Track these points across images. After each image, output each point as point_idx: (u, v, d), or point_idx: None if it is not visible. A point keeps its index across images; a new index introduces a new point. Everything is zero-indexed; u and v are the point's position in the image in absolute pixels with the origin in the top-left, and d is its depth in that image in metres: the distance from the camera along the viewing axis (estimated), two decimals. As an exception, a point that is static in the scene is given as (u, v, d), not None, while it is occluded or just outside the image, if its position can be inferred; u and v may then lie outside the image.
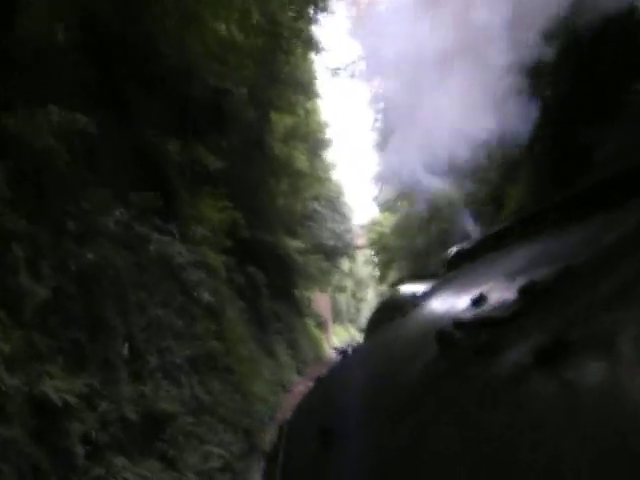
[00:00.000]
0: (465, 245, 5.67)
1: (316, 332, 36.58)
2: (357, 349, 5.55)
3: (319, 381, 4.38)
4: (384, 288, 42.05)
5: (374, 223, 38.37)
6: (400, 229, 28.92)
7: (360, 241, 40.73)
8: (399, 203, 30.17)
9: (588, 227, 2.53)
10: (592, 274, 1.94)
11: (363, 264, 60.83)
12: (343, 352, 6.13)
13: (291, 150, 24.74)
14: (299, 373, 22.22)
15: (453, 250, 5.85)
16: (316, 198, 28.65)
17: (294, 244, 21.55)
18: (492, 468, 1.44)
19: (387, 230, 32.66)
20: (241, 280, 16.05)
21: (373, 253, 44.11)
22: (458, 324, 2.37)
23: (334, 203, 29.41)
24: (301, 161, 25.40)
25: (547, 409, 1.40)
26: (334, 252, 29.29)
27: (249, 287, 16.24)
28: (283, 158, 23.45)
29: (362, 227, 40.72)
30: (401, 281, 12.01)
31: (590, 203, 2.69)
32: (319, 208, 27.51)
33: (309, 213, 27.01)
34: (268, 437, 11.23)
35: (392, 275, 37.54)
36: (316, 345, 32.03)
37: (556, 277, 2.06)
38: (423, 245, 26.78)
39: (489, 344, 1.94)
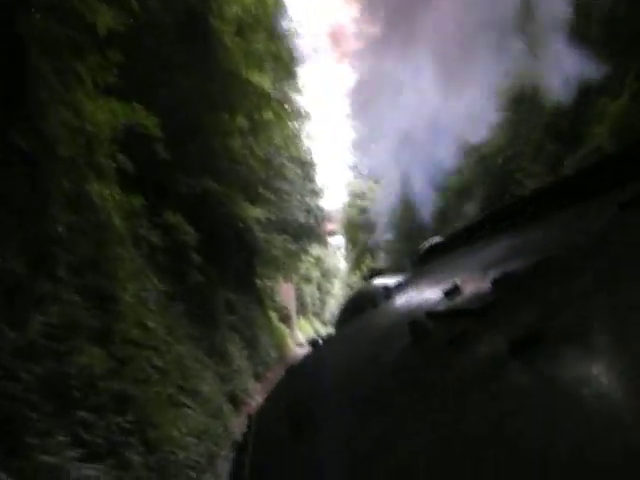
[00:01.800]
0: (439, 238, 5.35)
1: (280, 327, 33.08)
2: (328, 339, 4.92)
3: (290, 370, 4.31)
4: (353, 280, 42.32)
5: (353, 198, 33.61)
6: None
7: (330, 226, 35.72)
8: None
9: (563, 220, 2.47)
10: (567, 267, 1.89)
11: (331, 253, 59.48)
12: (314, 342, 4.79)
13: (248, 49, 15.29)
14: (257, 377, 19.15)
15: (427, 243, 5.48)
16: (282, 151, 21.14)
17: (254, 213, 16.25)
18: (466, 459, 1.41)
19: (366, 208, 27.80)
20: (160, 241, 11.44)
21: (345, 239, 40.40)
22: (431, 315, 2.35)
23: (305, 168, 23.87)
24: (264, 81, 16.15)
25: (521, 400, 1.38)
26: (303, 232, 23.98)
27: (175, 254, 11.03)
28: (237, 65, 14.58)
29: (331, 211, 35.56)
30: (373, 273, 10.67)
31: (566, 195, 2.58)
32: (288, 165, 21.53)
33: (274, 171, 20.32)
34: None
35: (365, 266, 35.00)
36: (280, 342, 28.88)
37: (530, 269, 2.04)
38: (400, 236, 25.87)
39: (463, 335, 1.89)
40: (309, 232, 26.55)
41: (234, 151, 15.17)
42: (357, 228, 34.79)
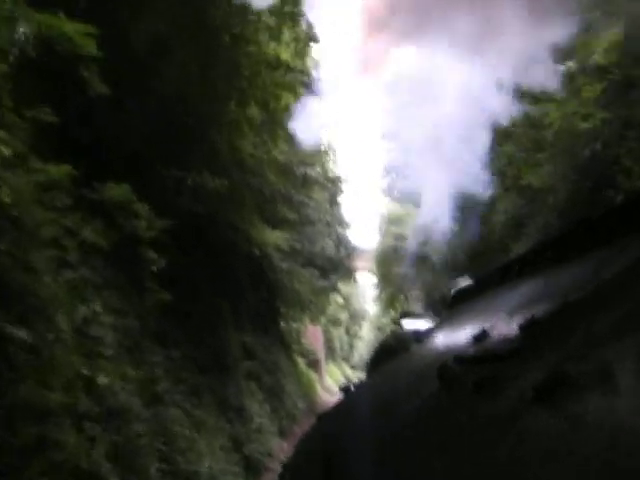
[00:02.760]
0: (468, 282, 5.59)
1: (307, 373, 30.68)
2: (359, 385, 5.16)
3: (321, 418, 4.38)
4: (384, 322, 42.12)
5: (387, 225, 30.79)
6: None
7: (358, 263, 33.05)
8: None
9: (587, 262, 2.46)
10: (591, 308, 1.92)
11: (359, 293, 58.02)
12: (346, 388, 5.02)
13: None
14: (283, 434, 16.41)
15: (456, 287, 5.56)
16: (307, 158, 16.95)
17: (273, 237, 13.39)
18: None
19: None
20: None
21: (376, 276, 37.76)
22: (459, 359, 2.38)
23: (333, 188, 20.85)
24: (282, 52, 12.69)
25: (548, 443, 1.38)
26: (332, 266, 20.96)
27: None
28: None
29: (360, 245, 32.81)
30: (404, 316, 10.92)
31: (590, 238, 2.57)
32: (313, 177, 16.61)
33: (297, 184, 15.65)
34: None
35: (397, 307, 35.04)
36: (308, 390, 26.49)
37: (555, 312, 2.08)
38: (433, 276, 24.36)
39: (490, 379, 1.92)
40: (338, 267, 23.46)
41: (243, 151, 11.74)
42: (391, 262, 31.85)
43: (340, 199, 23.73)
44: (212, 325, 12.68)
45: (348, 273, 26.56)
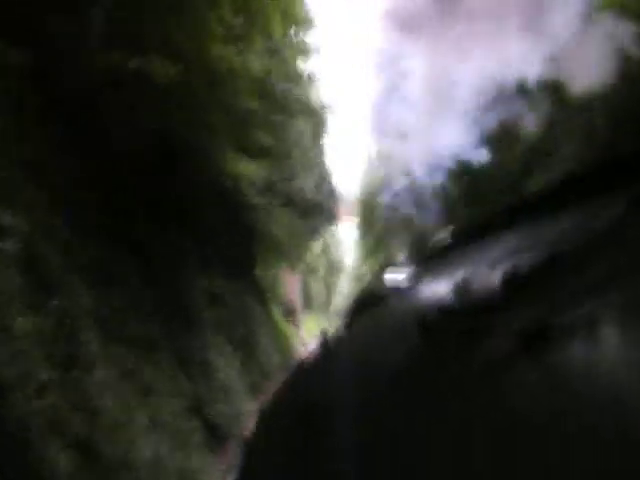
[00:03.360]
0: (450, 232, 5.22)
1: (283, 324, 29.13)
2: (338, 336, 4.91)
3: (299, 367, 4.45)
4: (362, 273, 40.40)
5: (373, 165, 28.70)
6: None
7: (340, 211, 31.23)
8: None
9: (574, 215, 2.44)
10: (577, 261, 1.90)
11: (337, 243, 57.09)
12: (324, 339, 4.68)
13: None
14: (254, 392, 14.42)
15: (438, 237, 5.70)
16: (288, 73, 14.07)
17: (248, 169, 11.16)
18: (477, 455, 1.45)
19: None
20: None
21: (358, 226, 36.04)
22: (441, 310, 2.35)
23: (316, 120, 18.45)
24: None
25: (532, 394, 1.39)
26: (313, 209, 18.74)
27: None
28: None
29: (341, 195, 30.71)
30: (384, 267, 9.96)
31: (577, 191, 2.56)
32: (296, 97, 13.94)
33: (276, 103, 12.68)
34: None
35: (378, 258, 32.82)
36: (283, 343, 24.69)
37: (540, 264, 2.02)
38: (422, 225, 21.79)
39: (472, 330, 1.90)
40: (320, 209, 21.24)
41: (210, 51, 9.00)
42: (374, 207, 29.18)
43: (325, 133, 21.34)
44: (173, 265, 10.64)
45: (330, 217, 24.31)
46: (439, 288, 3.02)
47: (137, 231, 9.51)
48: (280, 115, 12.07)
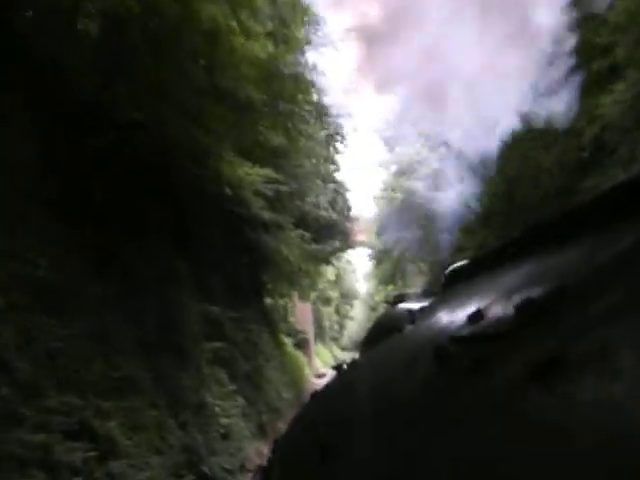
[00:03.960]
0: (463, 263, 5.04)
1: (295, 355, 27.25)
2: (352, 364, 4.65)
3: (314, 395, 4.24)
4: (376, 301, 40.63)
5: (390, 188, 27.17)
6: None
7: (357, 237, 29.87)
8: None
9: (585, 245, 2.34)
10: (587, 291, 1.84)
11: (350, 270, 56.46)
12: (338, 367, 4.73)
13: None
14: (262, 432, 12.79)
15: (451, 268, 5.18)
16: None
17: (252, 175, 9.42)
18: None
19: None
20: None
21: (372, 252, 34.88)
22: (455, 339, 2.29)
23: (329, 136, 16.74)
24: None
25: (543, 423, 1.36)
26: (328, 229, 16.87)
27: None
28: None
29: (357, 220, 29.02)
30: (398, 298, 8.95)
31: (588, 220, 2.47)
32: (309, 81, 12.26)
33: (283, 94, 10.17)
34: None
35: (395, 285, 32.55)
36: (295, 376, 22.83)
37: (552, 294, 1.97)
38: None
39: (485, 359, 1.90)
40: (335, 230, 19.35)
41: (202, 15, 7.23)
42: (391, 232, 27.53)
43: (339, 144, 19.48)
44: (162, 290, 8.86)
45: (346, 240, 22.35)
46: (454, 317, 3.02)
47: (116, 247, 7.81)
48: (288, 105, 10.18)
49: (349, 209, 22.07)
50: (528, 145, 13.02)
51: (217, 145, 9.01)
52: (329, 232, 18.64)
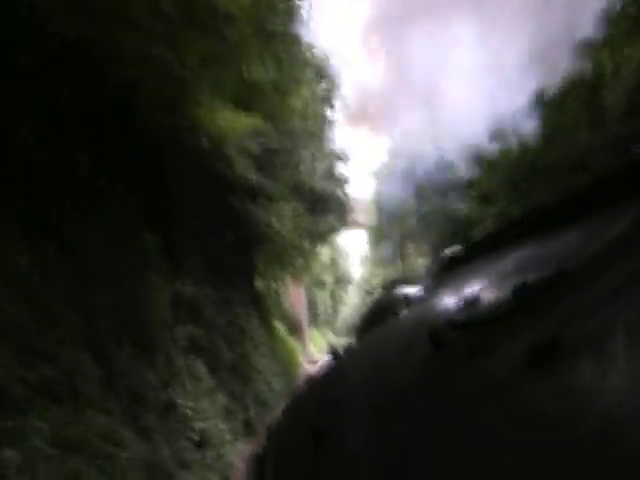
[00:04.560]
0: (459, 247, 4.96)
1: (288, 341, 25.80)
2: (348, 349, 4.58)
3: (309, 381, 4.36)
4: (372, 285, 39.65)
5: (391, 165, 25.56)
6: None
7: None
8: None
9: (582, 229, 2.38)
10: (585, 276, 1.88)
11: (344, 254, 55.24)
12: (334, 352, 4.47)
13: None
14: (249, 432, 11.06)
15: (447, 252, 5.12)
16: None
17: (237, 124, 7.50)
18: (485, 469, 1.43)
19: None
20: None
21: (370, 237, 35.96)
22: (451, 323, 2.27)
23: (324, 95, 14.72)
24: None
25: (540, 410, 1.37)
26: (325, 204, 14.96)
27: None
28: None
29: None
30: (395, 282, 8.16)
31: (584, 206, 2.50)
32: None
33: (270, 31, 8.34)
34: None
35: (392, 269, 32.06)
36: (288, 363, 21.33)
37: (549, 278, 1.99)
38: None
39: (481, 343, 1.91)
40: (332, 204, 17.41)
41: None
42: (391, 213, 25.85)
43: (335, 106, 17.39)
44: (121, 266, 7.01)
45: (344, 216, 20.33)
46: (450, 302, 2.98)
47: (59, 214, 5.97)
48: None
49: (347, 181, 20.12)
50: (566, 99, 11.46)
51: (193, 84, 7.14)
52: (325, 206, 16.77)
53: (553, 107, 11.71)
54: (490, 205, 14.23)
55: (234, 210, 11.46)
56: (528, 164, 12.60)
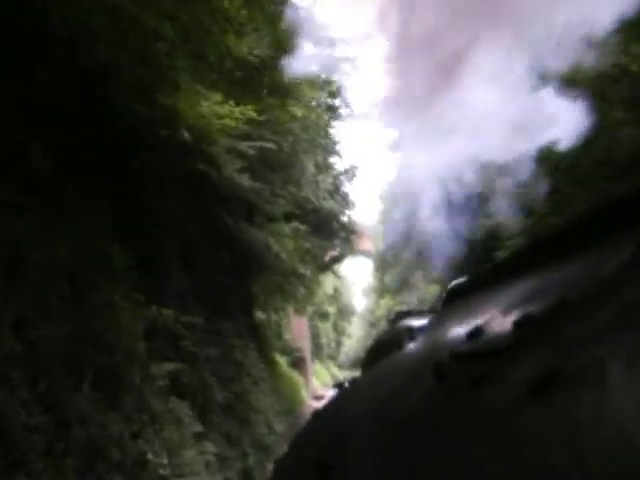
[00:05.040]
0: (463, 279, 4.51)
1: (290, 376, 24.41)
2: (353, 382, 4.54)
3: (315, 414, 3.87)
4: (376, 316, 39.90)
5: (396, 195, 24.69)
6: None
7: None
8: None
9: (584, 260, 2.18)
10: (586, 306, 1.74)
11: (347, 285, 54.25)
12: (339, 385, 4.57)
13: None
14: None
15: (451, 284, 4.64)
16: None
17: (223, 113, 6.09)
18: None
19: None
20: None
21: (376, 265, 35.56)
22: (454, 356, 2.21)
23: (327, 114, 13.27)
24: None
25: (541, 440, 1.34)
26: (329, 226, 13.49)
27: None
28: None
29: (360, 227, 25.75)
30: (400, 315, 7.55)
31: (587, 235, 2.30)
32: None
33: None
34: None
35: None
36: (291, 400, 20.04)
37: (551, 309, 1.87)
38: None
39: (484, 375, 1.81)
40: (337, 228, 15.87)
41: None
42: (397, 243, 24.88)
43: (337, 119, 15.87)
44: (78, 285, 5.57)
45: (349, 242, 18.71)
46: (454, 334, 2.84)
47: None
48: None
49: (352, 204, 18.60)
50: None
51: (170, 62, 5.73)
52: (331, 228, 15.28)
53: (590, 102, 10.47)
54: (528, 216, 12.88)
55: (225, 226, 10.00)
56: (567, 168, 11.21)
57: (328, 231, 15.45)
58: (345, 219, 16.94)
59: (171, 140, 6.60)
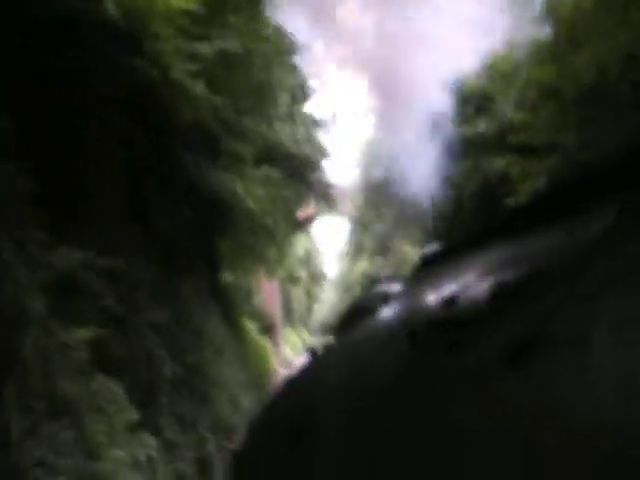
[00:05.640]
0: (439, 245, 5.01)
1: (260, 344, 23.29)
2: (326, 348, 4.54)
3: (288, 380, 4.33)
4: (350, 284, 39.49)
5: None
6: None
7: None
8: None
9: (563, 227, 2.29)
10: (565, 273, 1.88)
11: (321, 249, 53.81)
12: (312, 351, 4.46)
13: None
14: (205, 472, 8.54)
15: (427, 249, 5.27)
16: None
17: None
18: (464, 465, 1.53)
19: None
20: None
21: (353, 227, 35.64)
22: (429, 323, 2.37)
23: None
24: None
25: (516, 405, 1.43)
26: (306, 175, 11.77)
27: None
28: None
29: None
30: (374, 278, 7.28)
31: (563, 203, 2.46)
32: None
33: None
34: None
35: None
36: (260, 371, 18.83)
37: (528, 276, 2.02)
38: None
39: (459, 342, 1.94)
40: (314, 177, 14.13)
41: None
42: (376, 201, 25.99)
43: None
44: None
45: (327, 194, 16.90)
46: (429, 300, 2.92)
47: None
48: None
49: (329, 155, 16.79)
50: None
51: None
52: (305, 181, 13.56)
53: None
54: (539, 158, 11.07)
55: (182, 164, 8.10)
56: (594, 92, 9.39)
57: (303, 183, 13.74)
58: (322, 172, 15.31)
59: (92, 19, 4.63)
